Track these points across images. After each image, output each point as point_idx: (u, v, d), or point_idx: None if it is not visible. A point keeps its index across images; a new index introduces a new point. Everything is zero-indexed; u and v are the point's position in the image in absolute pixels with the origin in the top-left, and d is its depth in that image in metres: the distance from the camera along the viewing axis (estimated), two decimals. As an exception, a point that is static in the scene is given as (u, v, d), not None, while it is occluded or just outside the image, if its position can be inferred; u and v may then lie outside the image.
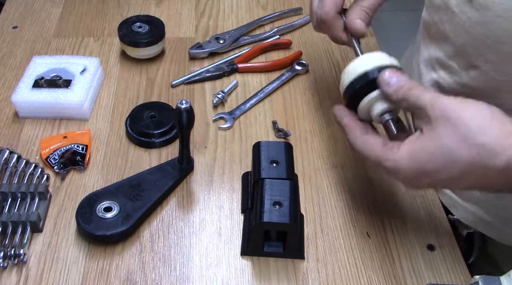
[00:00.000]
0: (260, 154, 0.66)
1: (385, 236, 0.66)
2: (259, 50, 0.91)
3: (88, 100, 0.78)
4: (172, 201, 0.69)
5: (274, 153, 0.66)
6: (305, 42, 0.94)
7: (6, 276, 0.60)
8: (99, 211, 0.64)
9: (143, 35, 0.86)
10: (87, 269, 0.61)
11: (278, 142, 0.72)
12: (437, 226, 0.67)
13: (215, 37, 0.91)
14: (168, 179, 0.69)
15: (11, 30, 0.94)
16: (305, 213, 0.67)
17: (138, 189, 0.67)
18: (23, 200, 0.66)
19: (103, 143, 0.75)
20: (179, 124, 0.64)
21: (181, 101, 0.63)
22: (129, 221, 0.63)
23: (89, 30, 0.94)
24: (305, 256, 0.63)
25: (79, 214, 0.63)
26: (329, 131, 0.78)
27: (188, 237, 0.65)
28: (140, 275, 0.61)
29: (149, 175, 0.69)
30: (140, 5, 1.00)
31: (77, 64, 0.82)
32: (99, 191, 0.66)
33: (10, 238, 0.63)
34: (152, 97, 0.82)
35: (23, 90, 0.77)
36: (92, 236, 0.63)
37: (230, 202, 0.69)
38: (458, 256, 0.64)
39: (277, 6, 1.01)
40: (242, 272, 0.62)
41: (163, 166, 0.71)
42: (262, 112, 0.81)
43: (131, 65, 0.88)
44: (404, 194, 0.70)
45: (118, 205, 0.64)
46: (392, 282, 0.61)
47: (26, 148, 0.74)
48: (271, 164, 0.64)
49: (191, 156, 0.71)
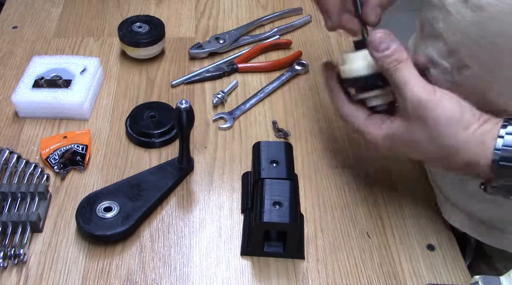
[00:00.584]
0: (260, 154, 0.66)
1: (385, 236, 0.66)
2: (259, 50, 0.91)
3: (88, 100, 0.79)
4: (172, 201, 0.69)
5: (274, 153, 0.66)
6: (305, 42, 0.94)
7: (6, 276, 0.60)
8: (99, 211, 0.64)
9: (143, 35, 0.86)
10: (87, 269, 0.61)
11: (278, 142, 0.72)
12: (437, 226, 0.67)
13: (215, 37, 0.91)
14: (168, 179, 0.69)
15: (11, 30, 0.94)
16: (305, 213, 0.67)
17: (138, 189, 0.67)
18: (23, 200, 0.66)
19: (103, 143, 0.75)
20: (179, 124, 0.64)
21: (180, 101, 0.63)
22: (129, 221, 0.63)
23: (89, 30, 0.94)
24: (305, 256, 0.63)
25: (79, 214, 0.63)
26: (329, 131, 0.78)
27: (188, 237, 0.65)
28: (140, 275, 0.61)
29: (149, 175, 0.69)
30: (140, 5, 1.00)
31: (77, 64, 0.82)
32: (99, 191, 0.66)
33: (10, 238, 0.63)
34: (152, 97, 0.82)
35: (23, 90, 0.77)
36: (92, 236, 0.63)
37: (230, 202, 0.69)
38: (458, 256, 0.64)
39: (277, 6, 1.01)
40: (242, 272, 0.62)
41: (163, 166, 0.71)
42: (262, 112, 0.81)
43: (131, 65, 0.88)
44: (404, 194, 0.70)
45: (118, 205, 0.64)
46: (392, 282, 0.61)
47: (26, 148, 0.74)
48: (271, 164, 0.64)
49: (191, 156, 0.71)
